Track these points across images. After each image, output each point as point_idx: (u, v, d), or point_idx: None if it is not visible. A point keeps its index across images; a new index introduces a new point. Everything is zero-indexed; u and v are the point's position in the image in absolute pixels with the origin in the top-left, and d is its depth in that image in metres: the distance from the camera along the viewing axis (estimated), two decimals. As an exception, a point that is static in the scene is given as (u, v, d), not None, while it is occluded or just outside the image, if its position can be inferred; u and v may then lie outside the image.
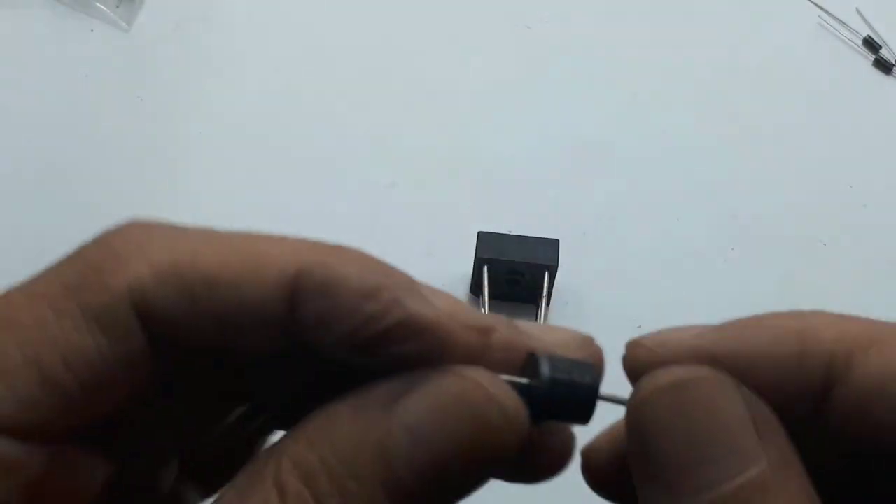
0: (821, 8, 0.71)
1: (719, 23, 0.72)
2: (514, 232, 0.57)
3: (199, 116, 0.65)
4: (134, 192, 0.61)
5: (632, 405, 0.20)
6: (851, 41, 0.70)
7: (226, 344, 0.20)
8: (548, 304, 0.56)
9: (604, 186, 0.64)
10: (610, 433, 0.23)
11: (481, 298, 0.56)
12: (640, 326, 0.66)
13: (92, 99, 0.65)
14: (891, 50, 0.69)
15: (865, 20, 0.70)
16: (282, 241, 0.20)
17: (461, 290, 0.58)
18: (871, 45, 0.70)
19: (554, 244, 0.56)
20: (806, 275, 0.61)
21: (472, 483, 0.20)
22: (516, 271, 0.56)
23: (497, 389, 0.19)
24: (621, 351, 0.22)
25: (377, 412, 0.19)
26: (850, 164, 0.66)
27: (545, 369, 0.21)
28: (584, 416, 0.21)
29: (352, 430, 0.19)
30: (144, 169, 0.62)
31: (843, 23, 0.70)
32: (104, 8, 0.68)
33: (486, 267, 0.55)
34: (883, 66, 0.69)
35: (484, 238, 0.56)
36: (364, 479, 0.18)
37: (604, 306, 0.58)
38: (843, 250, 0.62)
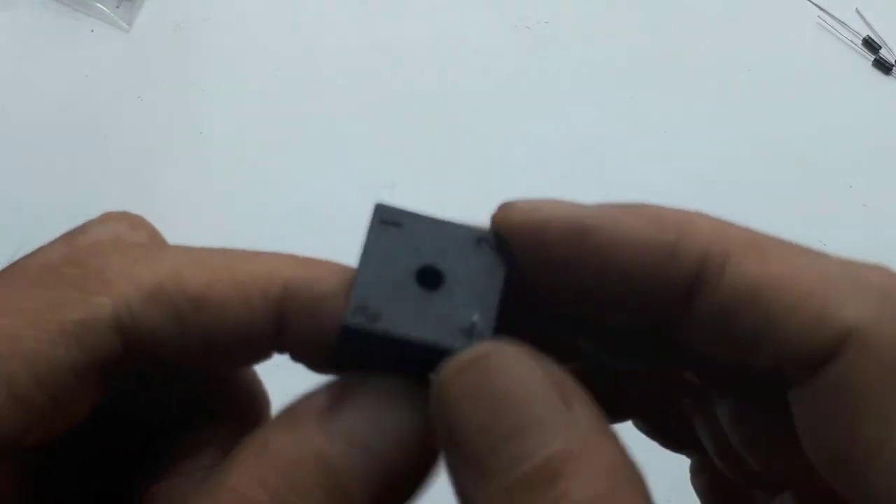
0: (820, 8, 0.71)
1: (719, 23, 0.72)
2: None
3: (199, 116, 0.65)
4: (134, 192, 0.61)
5: (433, 392, 0.18)
6: (851, 41, 0.70)
7: (210, 362, 0.20)
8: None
9: (603, 187, 0.63)
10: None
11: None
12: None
13: (92, 99, 0.65)
14: (890, 50, 0.69)
15: (865, 20, 0.70)
16: (261, 257, 0.20)
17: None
18: (870, 45, 0.70)
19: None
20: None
21: (418, 481, 0.19)
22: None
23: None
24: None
25: (311, 424, 0.18)
26: (849, 164, 0.66)
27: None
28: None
29: (287, 445, 0.18)
30: (144, 169, 0.62)
31: (842, 23, 0.70)
32: (104, 8, 0.68)
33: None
34: (882, 66, 0.69)
35: (483, 239, 0.55)
36: (307, 492, 0.18)
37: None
38: (843, 250, 0.62)
